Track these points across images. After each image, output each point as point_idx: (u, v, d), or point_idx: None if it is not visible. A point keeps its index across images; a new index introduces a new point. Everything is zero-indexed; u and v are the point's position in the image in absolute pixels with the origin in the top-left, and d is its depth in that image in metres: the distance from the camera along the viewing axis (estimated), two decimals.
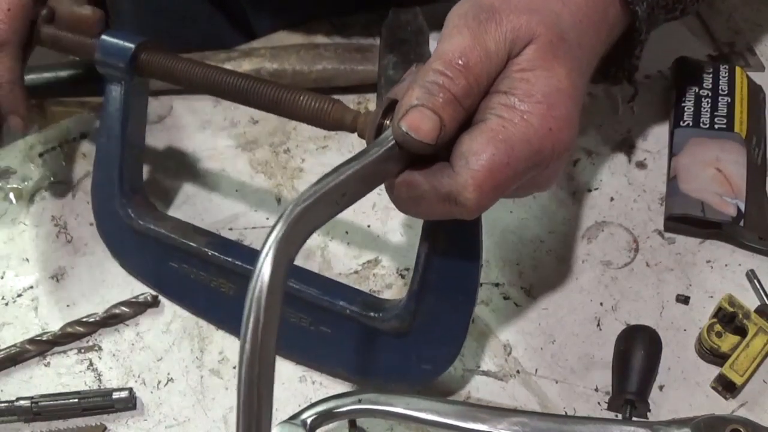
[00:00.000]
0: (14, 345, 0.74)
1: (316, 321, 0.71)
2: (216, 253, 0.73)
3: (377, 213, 0.82)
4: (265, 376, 0.52)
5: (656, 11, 0.70)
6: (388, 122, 0.60)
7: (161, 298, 0.78)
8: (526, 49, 0.60)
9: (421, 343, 0.68)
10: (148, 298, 0.77)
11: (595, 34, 0.65)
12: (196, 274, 0.76)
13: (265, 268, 0.51)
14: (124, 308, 0.76)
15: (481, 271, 0.66)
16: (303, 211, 0.54)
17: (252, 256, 0.74)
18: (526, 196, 0.68)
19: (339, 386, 0.73)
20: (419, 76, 0.59)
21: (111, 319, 0.76)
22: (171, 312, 0.77)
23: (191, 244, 0.74)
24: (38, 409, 0.70)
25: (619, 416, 0.70)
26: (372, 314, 0.69)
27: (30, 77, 0.81)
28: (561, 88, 0.60)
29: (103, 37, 0.74)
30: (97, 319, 0.76)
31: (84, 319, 0.76)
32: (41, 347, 0.75)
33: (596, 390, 0.72)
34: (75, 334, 0.75)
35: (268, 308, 0.51)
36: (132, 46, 0.74)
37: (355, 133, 0.65)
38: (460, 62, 0.58)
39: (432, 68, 0.58)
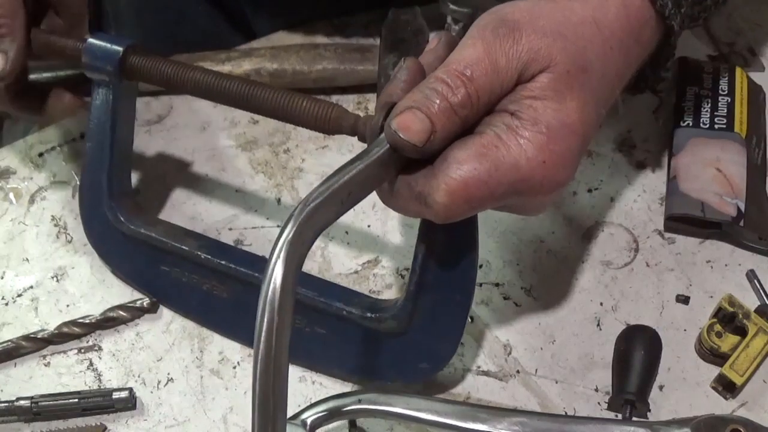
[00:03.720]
0: (9, 341, 0.74)
1: (311, 322, 0.71)
2: (209, 257, 0.73)
3: (377, 213, 0.82)
4: (279, 378, 0.52)
5: (686, 23, 0.69)
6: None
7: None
8: (540, 75, 0.59)
9: (419, 342, 0.68)
10: (144, 304, 0.76)
11: (624, 62, 0.64)
12: (188, 278, 0.75)
13: (277, 270, 0.51)
14: (121, 312, 0.76)
15: (477, 269, 0.66)
16: (312, 210, 0.53)
17: (245, 258, 0.74)
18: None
19: (339, 386, 0.73)
20: (423, 81, 0.59)
21: (107, 322, 0.76)
22: (171, 312, 0.77)
23: (183, 247, 0.74)
24: (38, 409, 0.70)
25: (619, 416, 0.70)
26: (369, 315, 0.69)
27: (30, 77, 0.81)
28: (568, 123, 0.59)
29: (90, 40, 0.72)
30: (93, 321, 0.76)
31: (80, 320, 0.76)
32: (37, 345, 0.74)
33: (596, 390, 0.72)
34: (71, 334, 0.75)
35: (282, 309, 0.51)
36: (120, 49, 0.72)
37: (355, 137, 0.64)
38: (465, 73, 0.58)
39: (435, 75, 0.58)
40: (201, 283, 0.75)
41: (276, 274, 0.51)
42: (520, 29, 0.59)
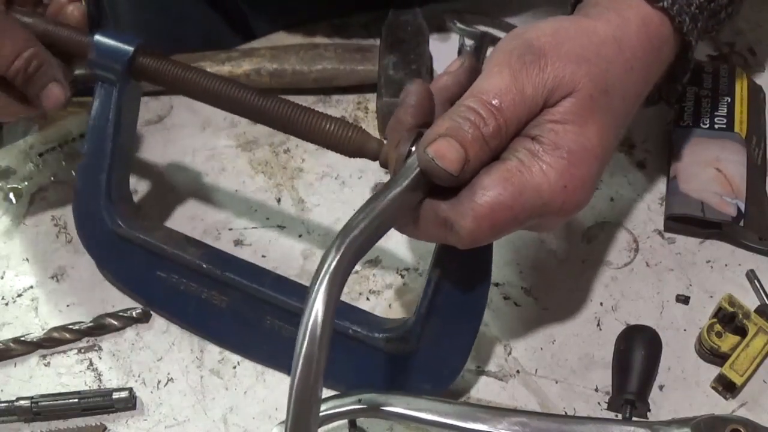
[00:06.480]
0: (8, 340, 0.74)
1: None
2: (212, 266, 0.72)
3: None
4: (314, 405, 0.51)
5: (700, 36, 0.70)
6: (414, 150, 0.59)
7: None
8: (564, 101, 0.59)
9: (424, 362, 0.68)
10: (133, 314, 0.75)
11: (643, 80, 0.65)
12: (186, 285, 0.74)
13: (318, 301, 0.51)
14: (111, 320, 0.75)
15: (488, 295, 0.66)
16: (353, 239, 0.53)
17: (247, 268, 0.73)
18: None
19: None
20: (452, 109, 0.59)
21: (97, 330, 0.75)
22: None
23: (184, 255, 0.73)
24: (38, 409, 0.70)
25: (619, 416, 0.70)
26: (377, 335, 0.68)
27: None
28: (588, 147, 0.59)
29: (98, 37, 0.71)
30: (83, 328, 0.75)
31: (70, 326, 0.75)
32: (27, 348, 0.74)
33: (596, 390, 0.72)
34: (61, 340, 0.74)
35: (321, 340, 0.50)
36: (130, 48, 0.71)
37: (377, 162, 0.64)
38: (494, 103, 0.58)
39: (466, 104, 0.58)
40: (199, 291, 0.73)
41: (317, 305, 0.51)
42: (545, 56, 0.59)
